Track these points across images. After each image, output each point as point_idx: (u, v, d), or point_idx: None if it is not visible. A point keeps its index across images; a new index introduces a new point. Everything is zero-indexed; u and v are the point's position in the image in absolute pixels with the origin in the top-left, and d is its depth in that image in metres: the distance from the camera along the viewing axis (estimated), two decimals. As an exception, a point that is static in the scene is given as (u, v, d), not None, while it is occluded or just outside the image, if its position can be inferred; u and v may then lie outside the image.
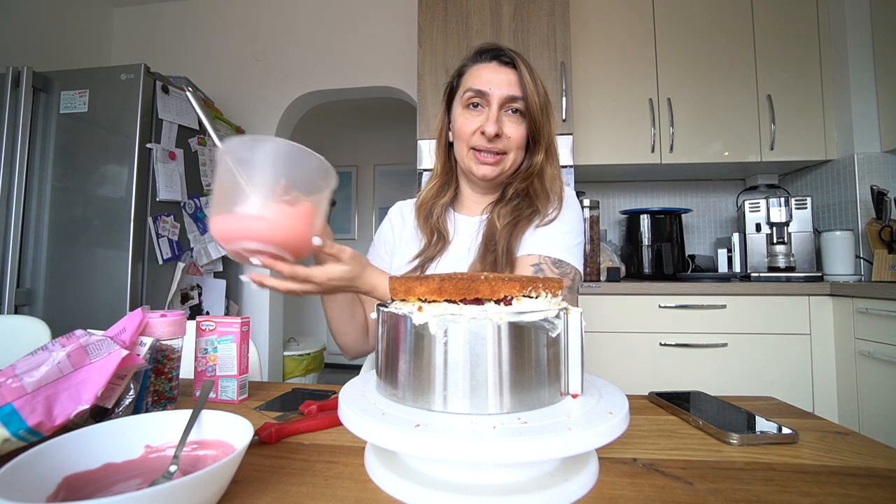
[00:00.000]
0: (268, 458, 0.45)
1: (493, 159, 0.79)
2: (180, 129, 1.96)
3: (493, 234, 0.79)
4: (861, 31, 1.92)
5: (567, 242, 0.79)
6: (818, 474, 0.41)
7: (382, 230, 0.94)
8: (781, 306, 1.67)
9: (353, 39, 2.55)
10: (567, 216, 0.82)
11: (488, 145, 0.78)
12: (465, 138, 0.80)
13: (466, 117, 0.80)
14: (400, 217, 0.94)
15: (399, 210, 0.95)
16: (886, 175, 1.88)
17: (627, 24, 2.11)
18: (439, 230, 0.85)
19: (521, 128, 0.79)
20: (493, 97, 0.77)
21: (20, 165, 1.74)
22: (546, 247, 0.78)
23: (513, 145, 0.79)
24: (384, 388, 0.42)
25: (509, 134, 0.78)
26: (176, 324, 0.59)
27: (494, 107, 0.77)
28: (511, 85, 0.78)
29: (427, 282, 0.40)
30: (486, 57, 0.81)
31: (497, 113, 0.77)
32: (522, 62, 0.80)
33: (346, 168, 4.20)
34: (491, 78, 0.78)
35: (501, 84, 0.78)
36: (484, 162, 0.79)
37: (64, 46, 2.43)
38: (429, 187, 0.89)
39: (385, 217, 0.97)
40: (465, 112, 0.80)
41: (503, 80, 0.78)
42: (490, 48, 0.82)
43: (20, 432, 0.40)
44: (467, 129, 0.79)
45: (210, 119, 0.65)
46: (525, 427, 0.34)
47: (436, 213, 0.86)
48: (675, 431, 0.52)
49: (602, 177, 2.37)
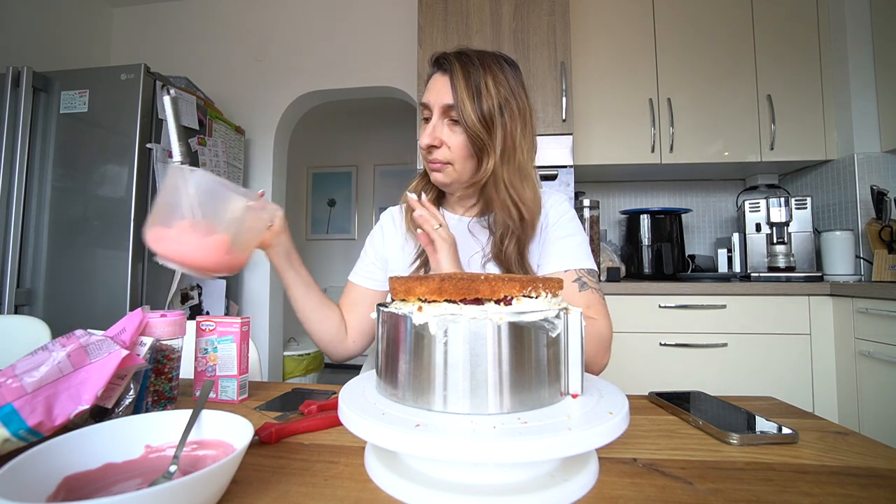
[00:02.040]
0: (268, 458, 0.45)
1: (438, 167, 0.78)
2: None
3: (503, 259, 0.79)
4: (861, 31, 1.92)
5: (586, 249, 0.82)
6: (818, 474, 0.41)
7: (374, 238, 0.93)
8: (781, 306, 1.67)
9: (353, 39, 2.55)
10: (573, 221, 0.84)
11: (429, 157, 0.78)
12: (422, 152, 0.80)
13: (421, 130, 0.80)
14: (392, 223, 0.93)
15: (390, 216, 0.94)
16: (886, 175, 1.88)
17: (627, 24, 2.11)
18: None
19: (459, 136, 0.75)
20: (434, 107, 0.76)
21: (20, 165, 1.74)
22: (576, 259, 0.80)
23: (453, 155, 0.76)
24: (384, 388, 0.42)
25: (449, 143, 0.76)
26: (176, 324, 0.59)
27: (435, 117, 0.76)
28: (446, 92, 0.75)
29: (427, 282, 0.40)
30: (433, 66, 0.79)
31: (437, 123, 0.76)
32: (460, 66, 0.75)
33: (346, 168, 4.20)
34: (432, 87, 0.77)
35: (439, 93, 0.75)
36: (433, 169, 0.79)
37: (64, 46, 2.43)
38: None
39: (376, 225, 0.95)
40: (422, 124, 0.81)
41: (440, 87, 0.76)
42: (437, 56, 0.79)
43: (20, 432, 0.40)
44: (420, 143, 0.79)
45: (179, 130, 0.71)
46: (525, 427, 0.34)
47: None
48: (675, 431, 0.52)
49: (602, 177, 2.37)
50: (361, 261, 0.92)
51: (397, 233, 0.90)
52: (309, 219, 4.20)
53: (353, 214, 4.16)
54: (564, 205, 0.86)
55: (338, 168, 4.21)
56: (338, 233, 4.15)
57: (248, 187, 2.60)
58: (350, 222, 4.16)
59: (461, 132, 0.75)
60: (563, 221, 0.83)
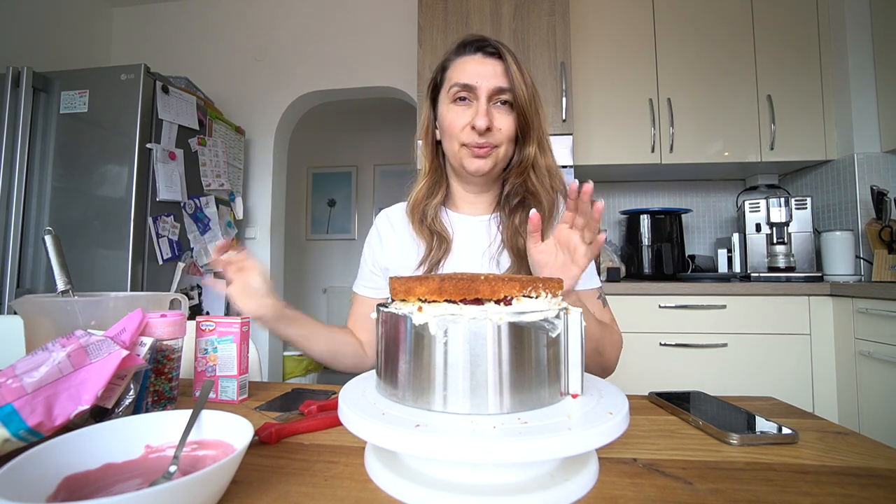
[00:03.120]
0: (268, 458, 0.44)
1: (486, 152, 0.77)
2: (180, 129, 1.96)
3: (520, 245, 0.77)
4: (861, 31, 1.92)
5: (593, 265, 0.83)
6: (818, 474, 0.41)
7: (371, 245, 0.90)
8: (781, 306, 1.67)
9: (353, 39, 2.55)
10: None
11: (480, 140, 0.75)
12: (455, 134, 0.77)
13: (455, 113, 0.77)
14: (388, 225, 0.89)
15: (386, 217, 0.90)
16: (886, 175, 1.88)
17: (627, 24, 2.11)
18: (437, 231, 0.82)
19: (510, 119, 0.76)
20: (480, 90, 0.74)
21: (20, 165, 1.74)
22: (594, 277, 0.83)
23: (504, 138, 0.77)
24: (384, 388, 0.42)
25: (500, 126, 0.75)
26: (176, 324, 0.59)
27: (483, 100, 0.74)
28: (497, 76, 0.75)
29: (427, 282, 0.40)
30: (471, 49, 0.78)
31: (486, 106, 0.74)
32: (508, 52, 0.76)
33: (346, 168, 4.20)
34: (477, 70, 0.75)
35: (488, 76, 0.75)
36: (477, 156, 0.77)
37: (64, 46, 2.43)
38: (418, 188, 0.85)
39: (371, 229, 0.92)
40: (452, 107, 0.77)
41: (489, 71, 0.75)
42: (474, 39, 0.78)
43: (20, 432, 0.40)
44: (457, 125, 0.76)
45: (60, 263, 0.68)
46: (525, 427, 0.34)
47: (430, 214, 0.83)
48: (675, 431, 0.52)
49: (602, 177, 2.37)
50: (364, 270, 0.89)
51: (395, 235, 0.87)
52: (309, 219, 4.20)
53: (353, 214, 4.16)
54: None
55: (338, 168, 4.21)
56: (338, 233, 4.14)
57: (249, 187, 2.61)
58: (350, 222, 4.16)
59: (510, 115, 0.76)
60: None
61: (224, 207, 2.27)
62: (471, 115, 0.75)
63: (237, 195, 2.40)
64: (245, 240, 2.58)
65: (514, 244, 0.78)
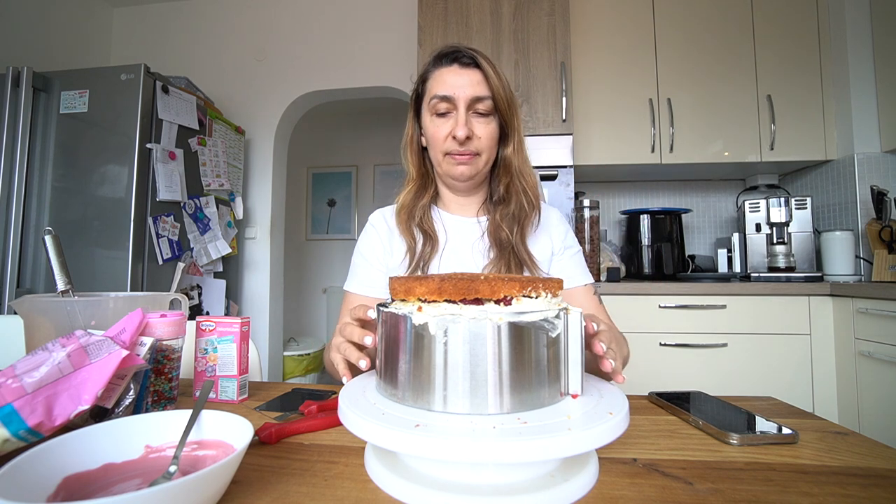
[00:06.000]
0: (268, 458, 0.45)
1: (468, 159, 0.80)
2: (180, 129, 1.96)
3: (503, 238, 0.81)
4: (861, 31, 1.92)
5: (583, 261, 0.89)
6: (818, 474, 0.41)
7: (371, 242, 0.89)
8: (781, 306, 1.67)
9: (352, 39, 2.55)
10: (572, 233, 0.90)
11: (461, 148, 0.79)
12: (438, 145, 0.81)
13: (437, 124, 0.80)
14: (385, 223, 0.90)
15: (382, 216, 0.92)
16: (886, 175, 1.88)
17: (627, 24, 2.11)
18: (426, 230, 0.84)
19: (490, 126, 0.80)
20: (458, 100, 0.77)
21: (20, 165, 1.74)
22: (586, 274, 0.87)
23: (484, 145, 0.80)
24: (384, 388, 0.42)
25: (479, 134, 0.79)
26: (176, 324, 0.59)
27: (462, 110, 0.78)
28: (475, 85, 0.78)
29: (427, 282, 0.40)
30: (447, 60, 0.80)
31: (465, 115, 0.78)
32: (484, 60, 0.79)
33: (346, 168, 4.20)
34: (454, 81, 0.78)
35: (465, 86, 0.77)
36: (460, 162, 0.80)
37: (64, 46, 2.43)
38: (405, 192, 0.88)
39: (367, 227, 0.92)
40: (434, 119, 0.81)
41: (466, 81, 0.78)
42: (449, 51, 0.81)
43: (20, 432, 0.40)
44: (439, 136, 0.80)
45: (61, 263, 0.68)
46: (525, 427, 0.34)
47: (418, 214, 0.86)
48: (675, 431, 0.52)
49: (602, 177, 2.37)
50: (361, 268, 0.88)
51: (392, 232, 0.88)
52: (309, 219, 4.19)
53: (353, 214, 4.16)
54: (562, 216, 0.93)
55: (338, 168, 4.21)
56: (338, 233, 4.14)
57: (249, 187, 2.61)
58: (350, 222, 4.16)
59: (491, 122, 0.80)
60: (569, 236, 0.89)
61: (224, 207, 2.27)
62: (451, 125, 0.79)
63: (237, 195, 2.40)
64: (245, 240, 2.58)
65: (497, 237, 0.82)
